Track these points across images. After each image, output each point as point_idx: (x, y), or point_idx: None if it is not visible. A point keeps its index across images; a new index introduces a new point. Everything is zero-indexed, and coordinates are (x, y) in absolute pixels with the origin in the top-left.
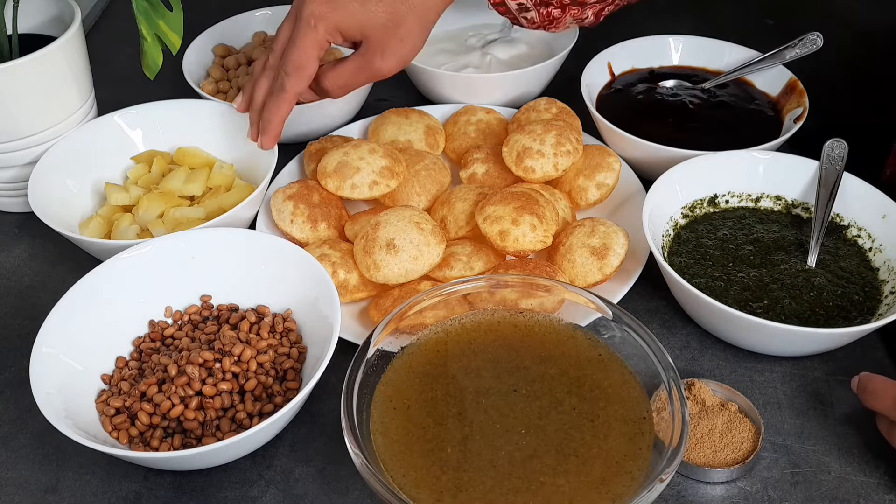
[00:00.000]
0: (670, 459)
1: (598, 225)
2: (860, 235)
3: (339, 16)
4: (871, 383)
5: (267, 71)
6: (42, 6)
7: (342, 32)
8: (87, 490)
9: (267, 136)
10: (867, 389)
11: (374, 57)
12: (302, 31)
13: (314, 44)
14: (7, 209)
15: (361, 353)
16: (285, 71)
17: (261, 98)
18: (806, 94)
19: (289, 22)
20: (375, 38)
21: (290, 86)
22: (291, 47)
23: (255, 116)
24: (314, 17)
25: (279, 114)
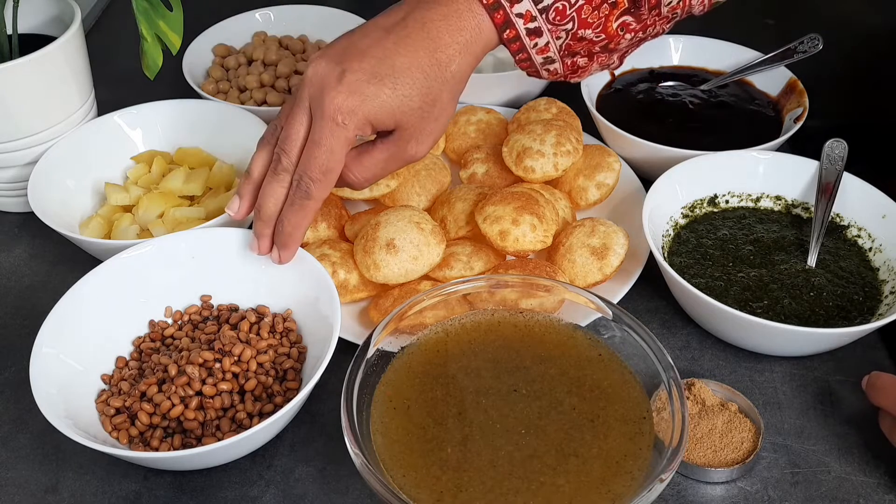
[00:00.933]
0: (670, 459)
1: (598, 225)
2: (860, 235)
3: (371, 108)
4: (878, 380)
5: (279, 175)
6: (42, 6)
7: (373, 124)
8: (87, 490)
9: (288, 251)
10: (875, 386)
11: (408, 143)
12: (328, 129)
13: (343, 143)
14: (7, 209)
15: (361, 353)
16: (310, 177)
17: (273, 208)
18: (806, 94)
19: (301, 115)
20: (410, 124)
21: (316, 192)
22: (315, 149)
23: (264, 228)
24: (342, 112)
25: (303, 226)
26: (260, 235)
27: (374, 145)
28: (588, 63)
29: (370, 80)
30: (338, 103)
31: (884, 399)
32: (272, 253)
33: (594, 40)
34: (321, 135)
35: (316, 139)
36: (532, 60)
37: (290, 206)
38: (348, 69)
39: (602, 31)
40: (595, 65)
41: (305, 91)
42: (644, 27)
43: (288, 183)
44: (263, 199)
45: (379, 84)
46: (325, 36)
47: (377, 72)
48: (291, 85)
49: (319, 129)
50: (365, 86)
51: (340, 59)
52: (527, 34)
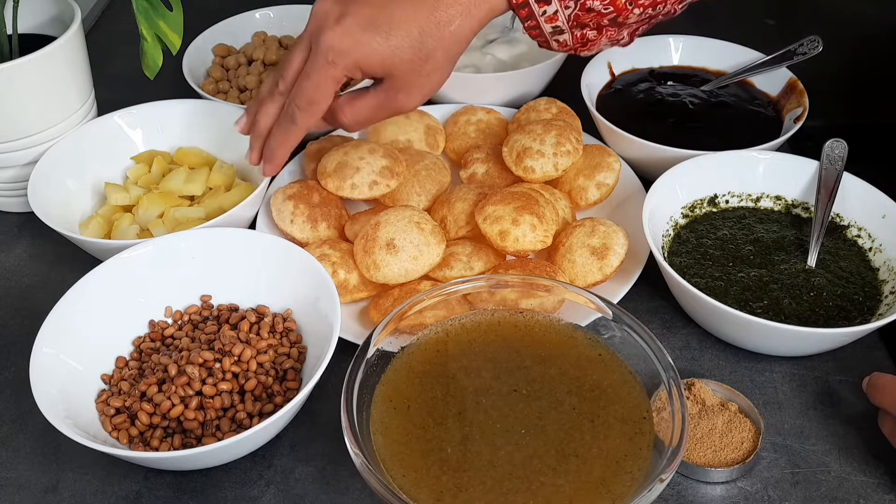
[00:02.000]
0: (670, 459)
1: (598, 225)
2: (860, 235)
3: (361, 52)
4: (879, 380)
5: (275, 97)
6: (42, 6)
7: (363, 69)
8: (87, 490)
9: (270, 165)
10: (876, 385)
11: (397, 94)
12: (318, 65)
13: (330, 80)
14: (7, 209)
15: (361, 353)
16: (297, 104)
17: (266, 124)
18: (806, 94)
19: (302, 47)
20: (400, 76)
21: (300, 120)
22: (305, 80)
23: (257, 141)
24: (333, 51)
25: (286, 145)
26: (253, 147)
27: (367, 91)
28: (597, 36)
29: (366, 26)
30: (331, 42)
31: (884, 399)
32: (260, 165)
33: (602, 12)
34: (312, 68)
35: (307, 71)
36: (541, 28)
37: (277, 125)
38: (348, 12)
39: (610, 2)
40: (604, 38)
41: (309, 25)
42: (654, 3)
43: (281, 104)
44: (259, 115)
45: (373, 31)
46: None
47: (374, 19)
48: None
49: (311, 63)
50: (359, 30)
51: (345, 1)
52: (535, 1)
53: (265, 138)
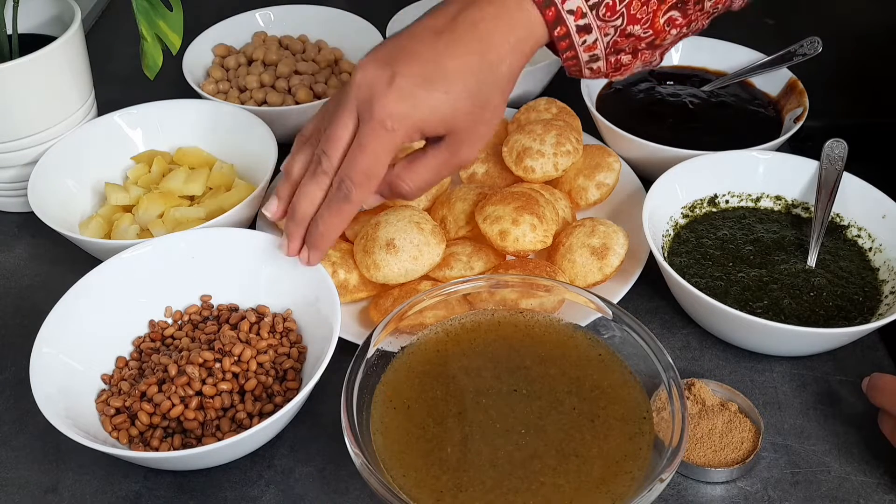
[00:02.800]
0: (670, 459)
1: (598, 225)
2: (860, 235)
3: (422, 113)
4: (880, 381)
5: (318, 177)
6: (42, 6)
7: (423, 131)
8: (87, 490)
9: (318, 252)
10: (876, 386)
11: (460, 148)
12: (376, 134)
13: (389, 149)
14: (7, 209)
15: (361, 353)
16: (352, 180)
17: (308, 209)
18: (806, 94)
19: (348, 118)
20: (462, 129)
21: (356, 196)
22: (360, 153)
23: (296, 229)
24: (392, 117)
25: (338, 228)
26: (292, 236)
27: (425, 152)
28: (631, 60)
29: (421, 84)
30: (388, 109)
31: (885, 399)
32: (301, 254)
33: (641, 36)
34: (368, 139)
35: (362, 143)
36: (578, 59)
37: (327, 207)
38: (399, 73)
39: (650, 26)
40: (638, 62)
41: (353, 94)
42: (689, 22)
43: (327, 185)
44: (299, 199)
45: (430, 88)
46: (324, 36)
47: (428, 76)
48: (291, 85)
49: (367, 134)
50: (416, 90)
51: (390, 62)
52: (576, 31)
53: (307, 224)
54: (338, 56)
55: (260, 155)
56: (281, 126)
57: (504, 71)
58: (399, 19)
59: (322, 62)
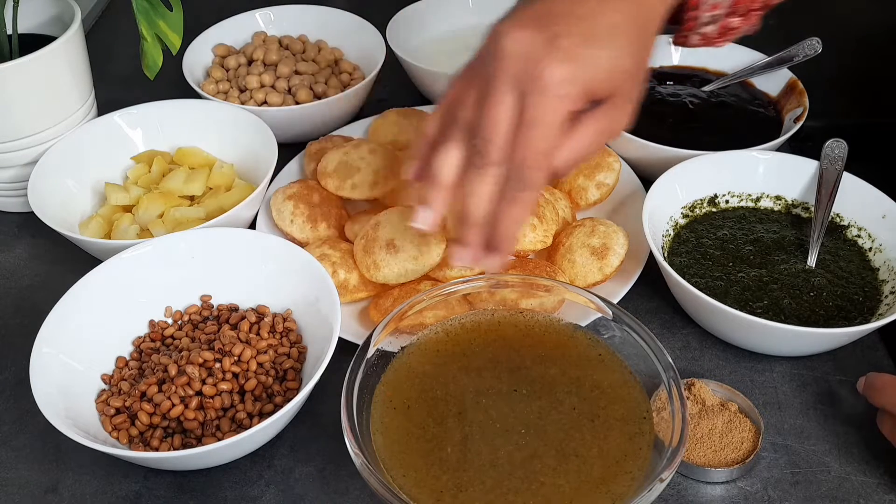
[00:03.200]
0: (670, 459)
1: (598, 225)
2: (860, 235)
3: (591, 73)
4: (878, 380)
5: (485, 170)
6: (42, 6)
7: (592, 93)
8: (87, 490)
9: (503, 255)
10: (874, 386)
11: (622, 111)
12: (548, 104)
13: (563, 120)
14: (7, 209)
15: (361, 353)
16: (530, 164)
17: (483, 207)
18: (806, 94)
19: (505, 95)
20: (625, 90)
21: (539, 181)
22: (534, 131)
23: (477, 234)
24: (563, 83)
25: (522, 220)
26: (472, 243)
27: (581, 122)
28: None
29: (584, 42)
30: (557, 73)
31: (884, 399)
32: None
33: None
34: (540, 111)
35: (534, 118)
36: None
37: (507, 202)
38: (558, 34)
39: None
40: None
41: (504, 66)
42: None
43: (496, 177)
44: (472, 200)
45: (595, 46)
46: (325, 36)
47: (589, 33)
48: (292, 85)
49: (537, 106)
50: (581, 50)
51: (542, 25)
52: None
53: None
54: (338, 56)
55: (260, 155)
56: (281, 126)
57: (654, 27)
58: (399, 19)
59: (322, 62)
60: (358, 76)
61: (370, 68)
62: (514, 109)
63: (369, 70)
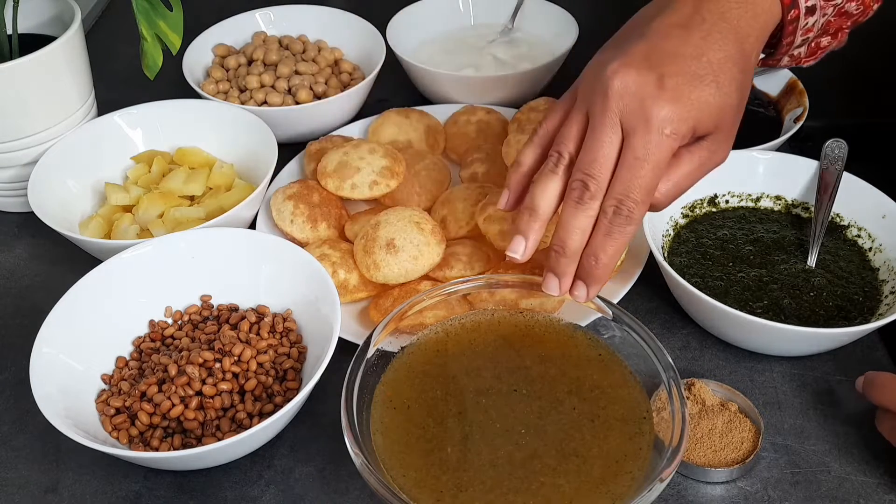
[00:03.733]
0: (670, 459)
1: None
2: (860, 235)
3: (698, 113)
4: (878, 378)
5: (586, 204)
6: (42, 6)
7: (696, 131)
8: (87, 490)
9: (598, 287)
10: (874, 384)
11: (720, 147)
12: (656, 143)
13: (669, 158)
14: (7, 209)
15: (361, 353)
16: (634, 199)
17: (580, 241)
18: (806, 94)
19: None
20: (727, 125)
21: (639, 217)
22: (641, 167)
23: (570, 265)
24: (671, 122)
25: (620, 255)
26: (564, 273)
27: (682, 157)
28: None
29: (692, 81)
30: (665, 113)
31: (884, 397)
32: (575, 290)
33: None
34: (648, 150)
35: (640, 156)
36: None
37: (606, 235)
38: (666, 73)
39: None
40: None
41: (613, 104)
42: None
43: (596, 211)
44: (568, 232)
45: (702, 85)
46: (325, 36)
47: (697, 72)
48: (292, 85)
49: (645, 144)
50: (689, 90)
51: (650, 64)
52: (805, 13)
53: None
54: (338, 56)
55: (260, 155)
56: (281, 126)
57: (754, 60)
58: (399, 19)
59: (322, 62)
60: (358, 76)
61: (370, 68)
62: (618, 148)
63: (369, 70)
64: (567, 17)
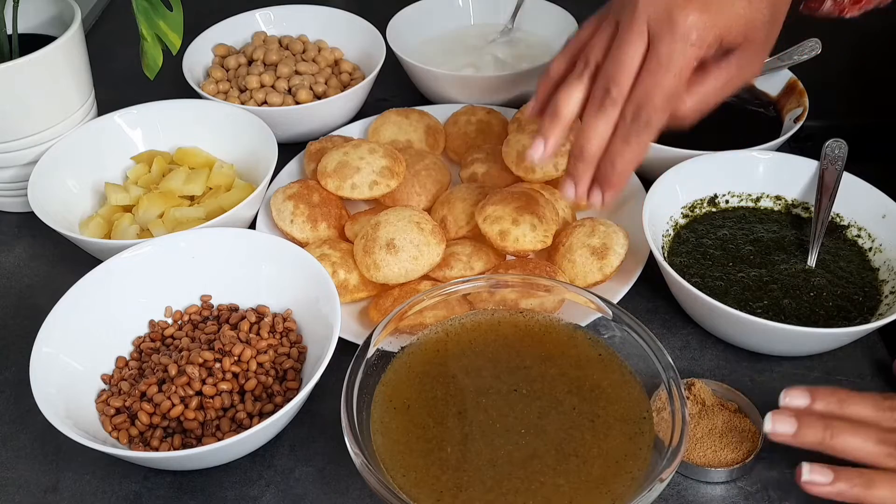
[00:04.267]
0: (670, 459)
1: (598, 225)
2: (860, 235)
3: (726, 21)
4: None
5: (607, 109)
6: (42, 6)
7: (725, 41)
8: (87, 490)
9: (614, 192)
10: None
11: (750, 63)
12: (679, 49)
13: (693, 65)
14: (7, 209)
15: (361, 353)
16: (654, 105)
17: (599, 146)
18: (806, 94)
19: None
20: (759, 39)
21: (658, 123)
22: (663, 74)
23: (587, 170)
24: (697, 29)
25: (637, 161)
26: (580, 178)
27: (710, 70)
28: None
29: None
30: (692, 19)
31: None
32: (592, 196)
33: None
34: (670, 56)
35: (663, 62)
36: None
37: (623, 141)
38: None
39: None
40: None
41: (641, 12)
42: None
43: (615, 117)
44: (587, 136)
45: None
46: (325, 36)
47: None
48: (292, 85)
49: (668, 51)
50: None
51: None
52: None
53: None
54: (338, 56)
55: (260, 155)
56: (281, 126)
57: None
58: (399, 19)
59: (322, 62)
60: (358, 76)
61: (370, 68)
62: (643, 54)
63: (369, 70)
64: (567, 16)
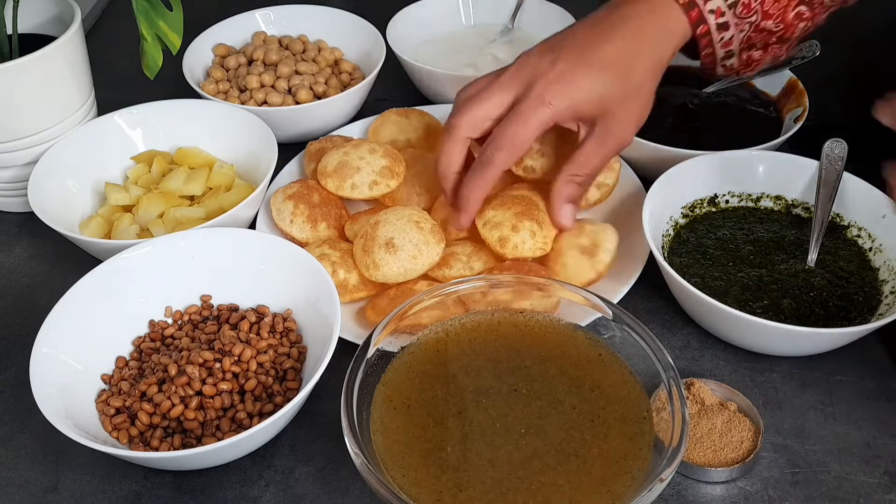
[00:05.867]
0: (670, 459)
1: (586, 224)
2: (860, 235)
3: (579, 94)
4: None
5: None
6: (42, 6)
7: (578, 112)
8: (87, 490)
9: (465, 214)
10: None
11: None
12: (531, 106)
13: (540, 122)
14: (7, 209)
15: (361, 353)
16: (497, 144)
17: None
18: (806, 94)
19: (505, 95)
20: (614, 111)
21: (499, 161)
22: (511, 120)
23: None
24: (551, 94)
25: (480, 191)
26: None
27: (583, 143)
28: (762, 55)
29: (579, 66)
30: (548, 86)
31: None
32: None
33: (773, 30)
34: (522, 108)
35: (515, 111)
36: (715, 56)
37: (470, 170)
38: (560, 57)
39: (781, 20)
40: (768, 56)
41: (514, 76)
42: (814, 16)
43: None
44: (439, 156)
45: (587, 70)
46: (325, 36)
47: (585, 59)
48: (292, 85)
49: (523, 106)
50: (574, 71)
51: (552, 49)
52: (716, 29)
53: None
54: (338, 56)
55: (260, 155)
56: (281, 126)
57: (655, 59)
58: (399, 19)
59: (322, 62)
60: (358, 76)
61: (370, 68)
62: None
63: (369, 70)
64: (567, 17)
